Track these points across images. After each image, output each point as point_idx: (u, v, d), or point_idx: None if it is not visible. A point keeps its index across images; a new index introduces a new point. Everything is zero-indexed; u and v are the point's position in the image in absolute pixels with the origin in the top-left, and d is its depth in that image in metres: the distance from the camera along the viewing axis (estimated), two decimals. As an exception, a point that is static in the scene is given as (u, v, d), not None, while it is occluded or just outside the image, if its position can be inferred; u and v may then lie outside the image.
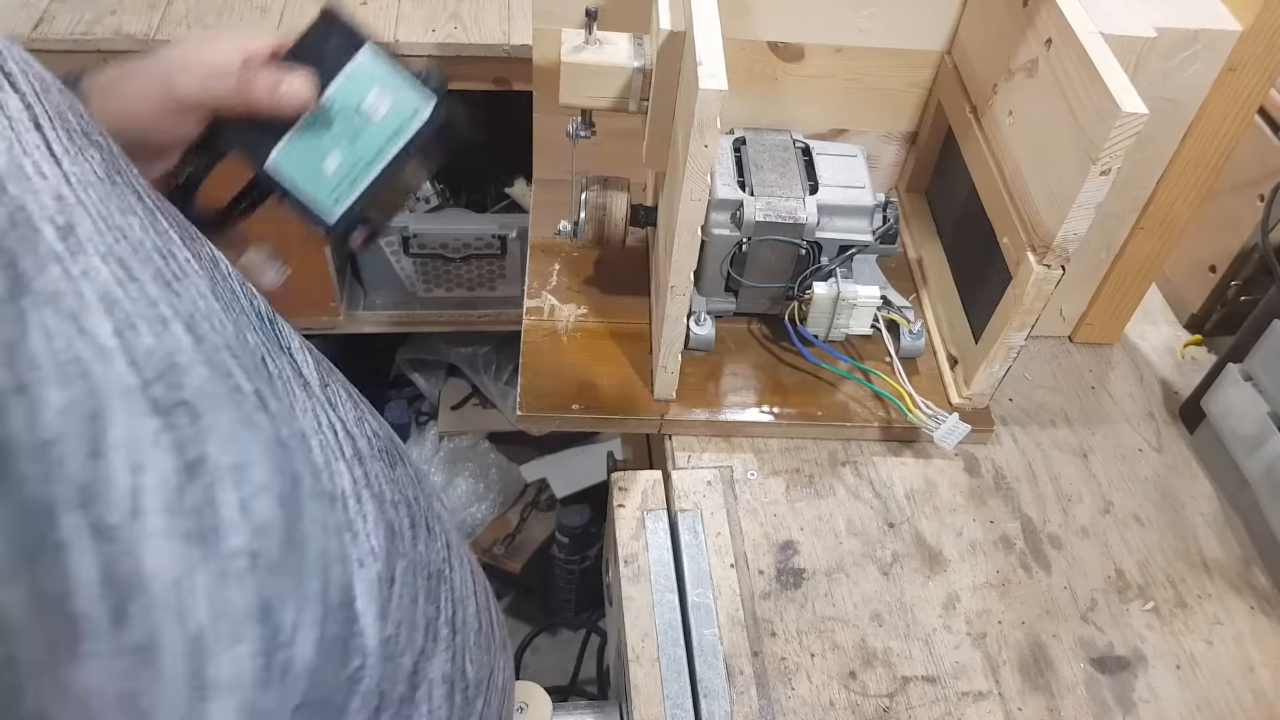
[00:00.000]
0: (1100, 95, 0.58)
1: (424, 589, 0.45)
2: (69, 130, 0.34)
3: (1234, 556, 0.72)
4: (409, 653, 0.42)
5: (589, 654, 1.36)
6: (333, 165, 0.53)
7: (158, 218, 0.37)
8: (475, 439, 1.65)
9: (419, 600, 0.44)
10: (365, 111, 0.53)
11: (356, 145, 0.53)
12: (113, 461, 0.25)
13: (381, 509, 0.43)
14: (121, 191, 0.35)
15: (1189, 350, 0.87)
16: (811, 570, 0.68)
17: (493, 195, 1.45)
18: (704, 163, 0.58)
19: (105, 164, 0.35)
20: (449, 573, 0.49)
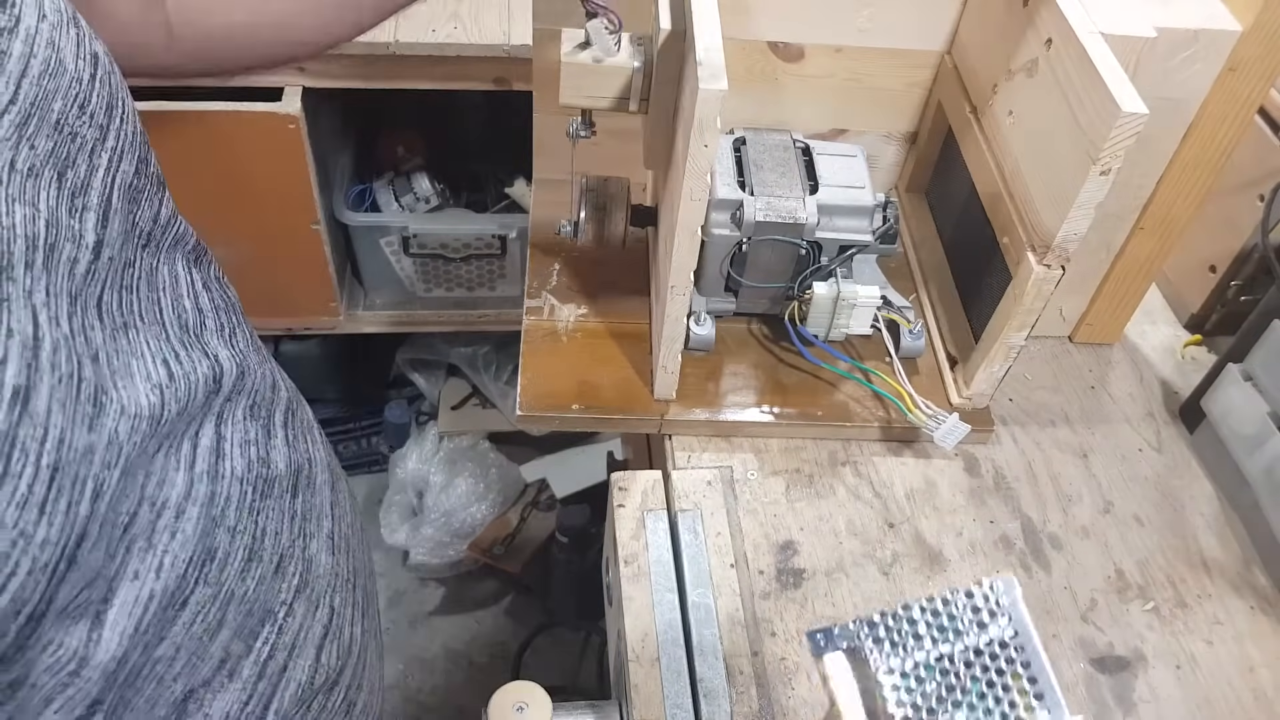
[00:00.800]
0: (1100, 95, 0.58)
1: (232, 623, 0.44)
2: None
3: (1234, 556, 0.72)
4: (183, 679, 0.42)
5: (589, 654, 1.36)
6: None
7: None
8: (475, 439, 1.65)
9: (218, 633, 0.43)
10: None
11: None
12: None
13: (211, 531, 0.43)
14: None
15: (1189, 350, 0.87)
16: (811, 570, 0.68)
17: (493, 195, 1.45)
18: (704, 163, 0.58)
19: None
20: (282, 616, 0.48)
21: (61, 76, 0.38)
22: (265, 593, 0.47)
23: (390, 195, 1.40)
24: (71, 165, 0.39)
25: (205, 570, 0.42)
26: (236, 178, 1.22)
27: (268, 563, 0.47)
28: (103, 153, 0.41)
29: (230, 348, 0.47)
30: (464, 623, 1.63)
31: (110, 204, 0.40)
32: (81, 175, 0.39)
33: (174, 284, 0.46)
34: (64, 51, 0.39)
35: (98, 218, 0.40)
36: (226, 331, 0.48)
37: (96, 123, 0.40)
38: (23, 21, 0.36)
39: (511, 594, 1.67)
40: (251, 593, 0.45)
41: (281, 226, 1.28)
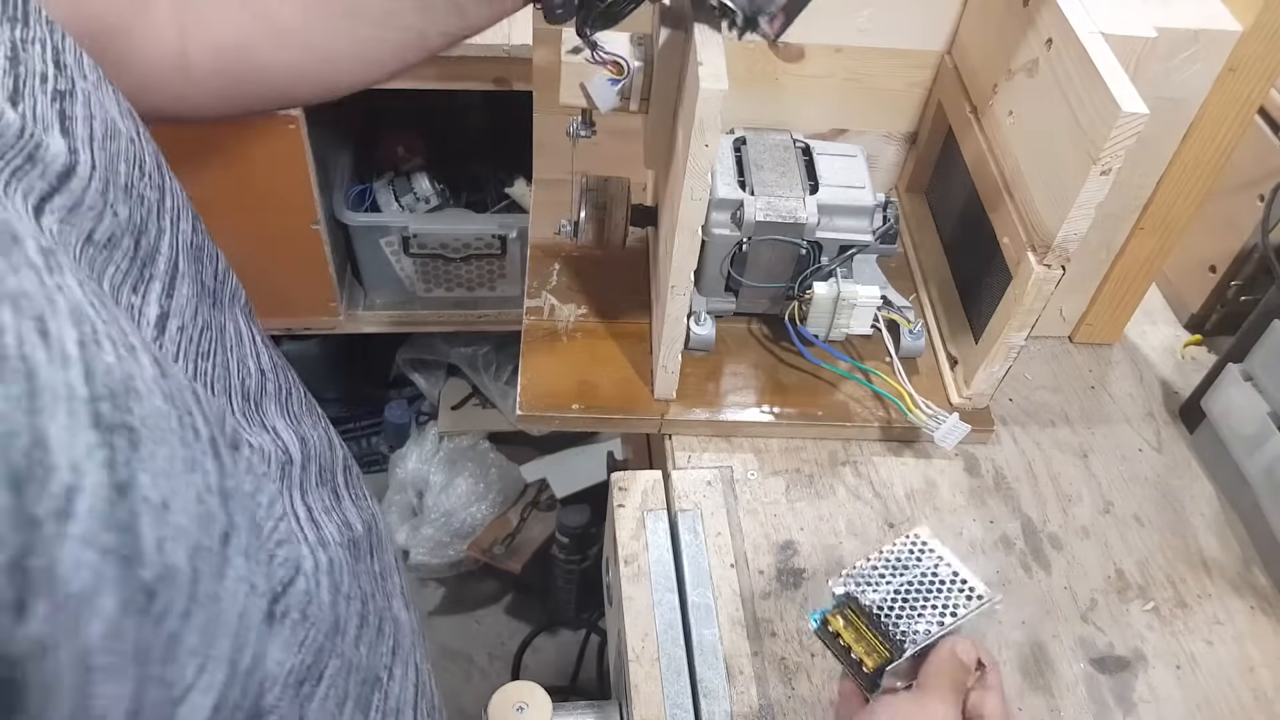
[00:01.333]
0: (1101, 95, 0.58)
1: (354, 694, 0.44)
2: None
3: (1234, 556, 0.72)
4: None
5: (589, 654, 1.36)
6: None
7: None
8: (475, 439, 1.65)
9: (345, 705, 0.43)
10: None
11: None
12: (55, 457, 0.25)
13: (334, 601, 0.42)
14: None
15: (1189, 350, 0.87)
16: (811, 570, 0.68)
17: (493, 195, 1.45)
18: (704, 162, 0.58)
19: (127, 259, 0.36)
20: (386, 681, 0.48)
21: (119, 138, 0.37)
22: (373, 658, 0.46)
23: (390, 195, 1.40)
24: (145, 231, 0.37)
25: (335, 642, 0.41)
26: (236, 177, 1.22)
27: (372, 628, 0.46)
28: (165, 214, 0.39)
29: (286, 416, 0.46)
30: (464, 623, 1.63)
31: (177, 269, 0.39)
32: (151, 240, 0.38)
33: (239, 342, 0.44)
34: (110, 110, 0.37)
35: (163, 287, 0.38)
36: (284, 394, 0.47)
37: (154, 183, 0.39)
38: (78, 84, 0.35)
39: (511, 594, 1.67)
40: (365, 660, 0.45)
41: (281, 226, 1.28)
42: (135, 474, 0.27)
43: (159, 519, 0.28)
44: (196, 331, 0.39)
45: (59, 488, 0.24)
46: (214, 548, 0.31)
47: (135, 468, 0.27)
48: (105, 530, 0.25)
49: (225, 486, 0.32)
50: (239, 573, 0.32)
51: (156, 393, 0.29)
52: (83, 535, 0.25)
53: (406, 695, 0.50)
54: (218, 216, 1.35)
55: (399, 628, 0.50)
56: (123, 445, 0.27)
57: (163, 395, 0.30)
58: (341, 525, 0.46)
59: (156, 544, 0.27)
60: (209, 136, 1.17)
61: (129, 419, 0.28)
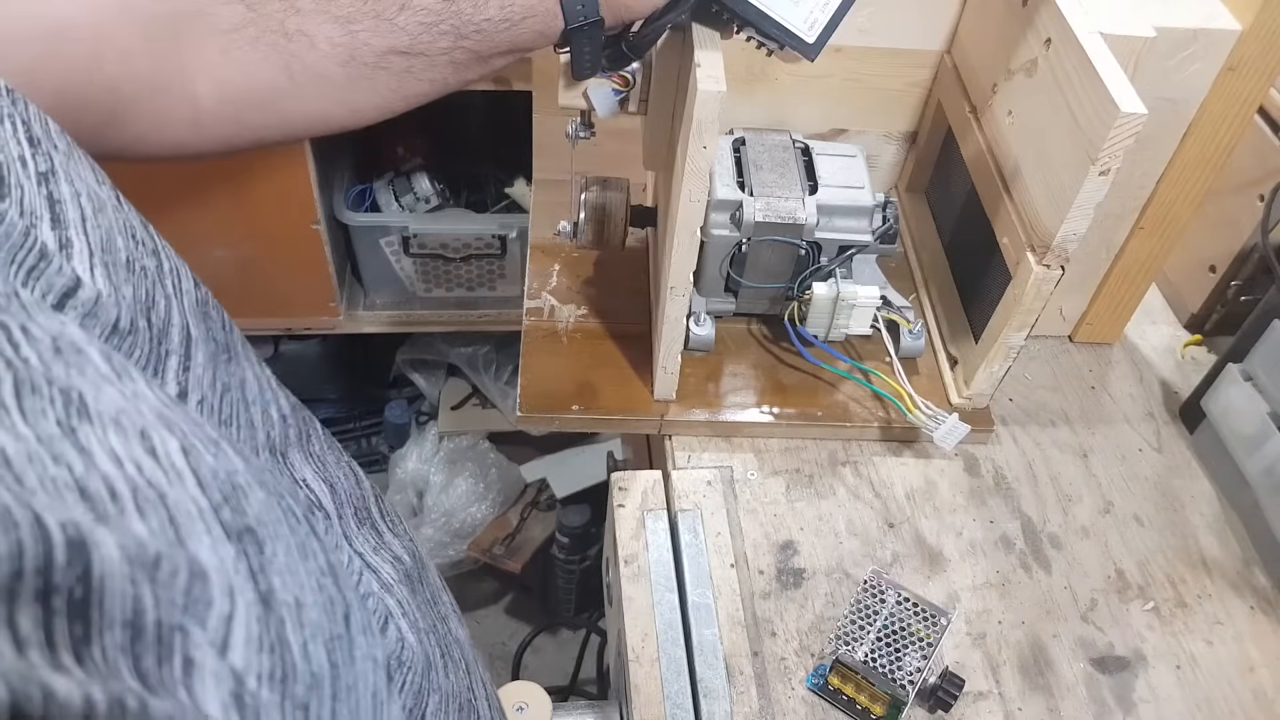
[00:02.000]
0: (1099, 95, 0.58)
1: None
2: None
3: (1234, 556, 0.72)
4: None
5: (589, 654, 1.36)
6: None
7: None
8: (475, 439, 1.65)
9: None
10: None
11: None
12: (212, 588, 0.23)
13: (418, 638, 0.41)
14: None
15: (1189, 350, 0.87)
16: (811, 570, 0.68)
17: (493, 195, 1.45)
18: (703, 163, 0.58)
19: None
20: (474, 700, 0.47)
21: (106, 210, 0.34)
22: (458, 684, 0.46)
23: (390, 195, 1.40)
24: (154, 305, 0.34)
25: (430, 678, 0.41)
26: (237, 178, 1.22)
27: (447, 655, 0.46)
28: (166, 280, 0.36)
29: (312, 462, 0.44)
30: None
31: (190, 336, 0.36)
32: (162, 313, 0.35)
33: (260, 392, 0.41)
34: (89, 181, 0.34)
35: (179, 361, 0.35)
36: (305, 437, 0.44)
37: (149, 250, 0.36)
38: (55, 160, 0.32)
39: (511, 594, 1.67)
40: (455, 688, 0.45)
41: (281, 226, 1.28)
42: (271, 580, 0.26)
43: (298, 622, 0.26)
44: (217, 398, 0.37)
45: (217, 621, 0.23)
46: (342, 633, 0.29)
47: (269, 573, 0.26)
48: (259, 652, 0.24)
49: (332, 564, 0.31)
50: (364, 651, 0.31)
51: (255, 485, 0.28)
52: (243, 667, 0.23)
53: (487, 712, 0.49)
54: (218, 217, 1.36)
55: (464, 648, 0.50)
56: (254, 551, 0.26)
57: (259, 485, 0.28)
58: (394, 562, 0.45)
59: (302, 652, 0.26)
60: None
61: (248, 520, 0.26)
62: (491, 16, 0.49)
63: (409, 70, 0.50)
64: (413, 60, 0.50)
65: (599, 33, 0.52)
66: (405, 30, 0.49)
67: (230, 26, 0.47)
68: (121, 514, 0.22)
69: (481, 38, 0.50)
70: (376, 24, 0.48)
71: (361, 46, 0.48)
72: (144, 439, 0.24)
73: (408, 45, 0.49)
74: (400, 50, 0.49)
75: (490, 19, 0.49)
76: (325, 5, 0.47)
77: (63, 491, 0.21)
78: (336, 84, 0.49)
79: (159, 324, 0.34)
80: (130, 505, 0.22)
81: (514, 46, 0.51)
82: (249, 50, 0.47)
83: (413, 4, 0.48)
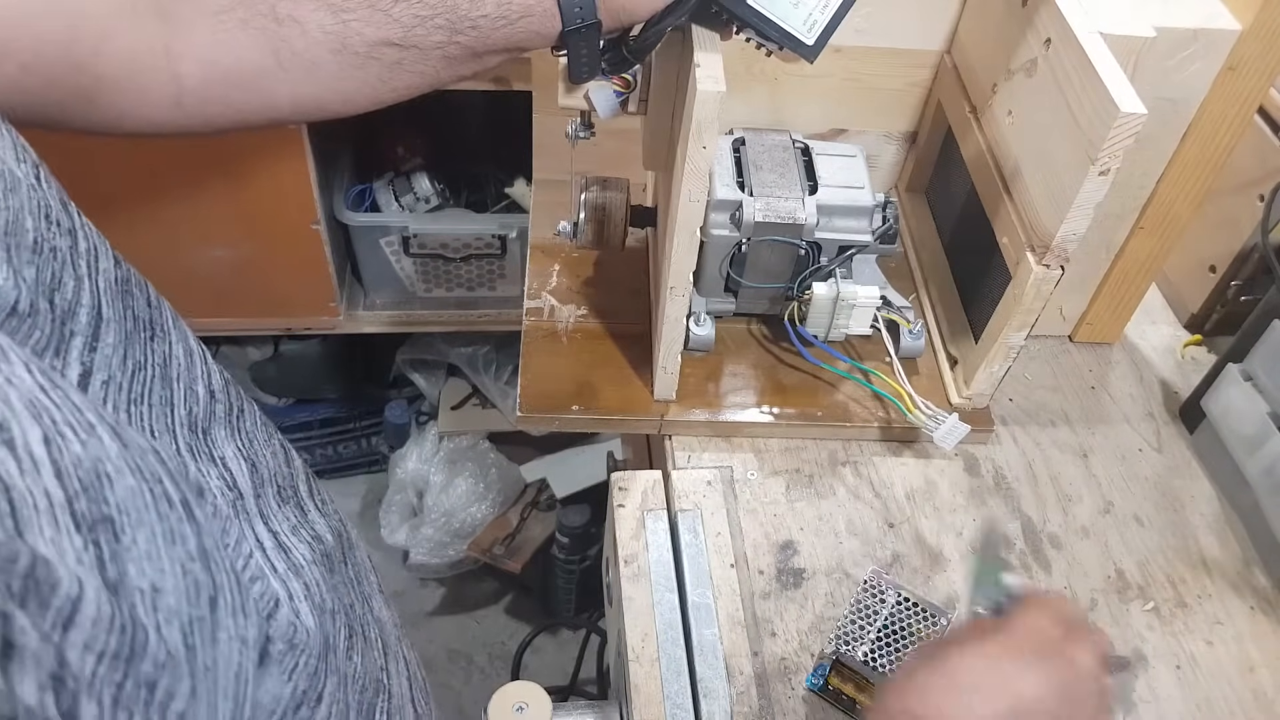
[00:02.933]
0: (1099, 95, 0.58)
1: (355, 704, 0.43)
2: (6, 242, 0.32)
3: (1234, 556, 0.72)
4: None
5: (589, 654, 1.36)
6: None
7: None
8: (475, 439, 1.65)
9: (349, 717, 0.42)
10: None
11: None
12: (57, 571, 0.24)
13: (320, 622, 0.41)
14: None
15: (1189, 350, 0.87)
16: (811, 570, 0.68)
17: (493, 195, 1.45)
18: (703, 164, 0.58)
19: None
20: (386, 680, 0.48)
21: (19, 190, 0.34)
22: (368, 665, 0.46)
23: (390, 195, 1.40)
24: (59, 288, 0.34)
25: (328, 661, 0.41)
26: (236, 177, 1.22)
27: (360, 635, 0.46)
28: (80, 260, 0.36)
29: (238, 438, 0.44)
30: (464, 623, 1.63)
31: (100, 317, 0.37)
32: (69, 295, 0.35)
33: (189, 365, 0.42)
34: (6, 160, 0.34)
35: (85, 341, 0.35)
36: (235, 414, 0.45)
37: (63, 229, 0.36)
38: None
39: (511, 594, 1.67)
40: (360, 669, 0.45)
41: (281, 226, 1.28)
42: (124, 567, 0.27)
43: (152, 606, 0.27)
44: (126, 377, 0.37)
45: (63, 599, 0.24)
46: (205, 616, 0.30)
47: (123, 560, 0.27)
48: (107, 632, 0.25)
49: (204, 547, 0.32)
50: (229, 633, 0.31)
51: (125, 470, 0.29)
52: (85, 642, 0.24)
53: (404, 691, 0.50)
54: (218, 217, 1.36)
55: (384, 628, 0.50)
56: (108, 539, 0.26)
57: (131, 471, 0.29)
58: (312, 541, 0.45)
59: (156, 633, 0.27)
60: (208, 139, 1.17)
61: (106, 509, 0.27)
62: (488, 13, 0.49)
63: (400, 62, 0.50)
64: (405, 52, 0.50)
65: (596, 36, 0.52)
66: (399, 22, 0.49)
67: (220, 8, 0.47)
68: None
69: (477, 34, 0.50)
70: (371, 14, 0.48)
71: (354, 35, 0.48)
72: (3, 430, 0.25)
73: (401, 37, 0.49)
74: (393, 42, 0.49)
75: (486, 15, 0.49)
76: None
77: None
78: (326, 71, 0.49)
79: (63, 306, 0.35)
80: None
81: (510, 45, 0.51)
82: (238, 33, 0.47)
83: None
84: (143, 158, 1.14)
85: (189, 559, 0.30)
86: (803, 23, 0.55)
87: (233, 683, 0.31)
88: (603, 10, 0.51)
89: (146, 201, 1.21)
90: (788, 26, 0.55)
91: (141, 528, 0.28)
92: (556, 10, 0.50)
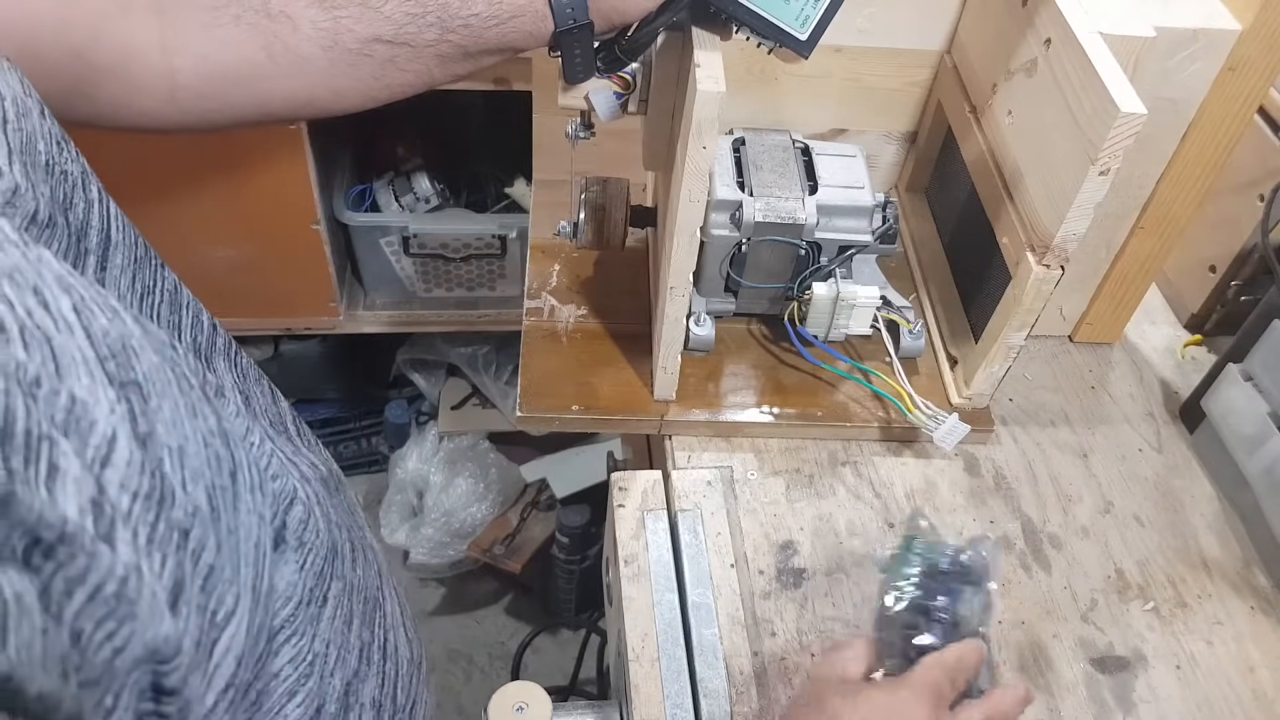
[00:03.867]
0: (1099, 95, 0.58)
1: (359, 613, 0.45)
2: (33, 162, 0.35)
3: (1234, 556, 0.72)
4: (339, 673, 0.42)
5: (589, 654, 1.36)
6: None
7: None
8: (475, 439, 1.65)
9: (353, 623, 0.44)
10: None
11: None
12: (93, 412, 0.25)
13: (328, 527, 0.43)
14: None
15: (1189, 350, 0.87)
16: (811, 570, 0.68)
17: (493, 195, 1.45)
18: (703, 164, 0.58)
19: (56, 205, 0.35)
20: (383, 600, 0.49)
21: (31, 115, 0.36)
22: (368, 579, 0.48)
23: (390, 195, 1.40)
24: (70, 208, 0.37)
25: (335, 565, 0.43)
26: (237, 177, 1.22)
27: (360, 551, 0.48)
28: (91, 185, 0.38)
29: (232, 371, 0.46)
30: (464, 623, 1.63)
31: (109, 239, 0.39)
32: (80, 215, 0.37)
33: (193, 300, 0.44)
34: (14, 88, 0.36)
35: (97, 260, 0.38)
36: (232, 349, 0.47)
37: (72, 156, 0.38)
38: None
39: (511, 594, 1.66)
40: (362, 580, 0.47)
41: (281, 226, 1.28)
42: (153, 424, 0.28)
43: (179, 463, 0.29)
44: (135, 298, 0.39)
45: (100, 439, 0.26)
46: (227, 485, 0.32)
47: (152, 419, 0.28)
48: (139, 474, 0.27)
49: (224, 429, 0.33)
50: (249, 505, 0.33)
51: (148, 348, 0.30)
52: (121, 481, 0.26)
53: (397, 615, 0.51)
54: (218, 217, 1.36)
55: (378, 555, 0.52)
56: (137, 399, 0.28)
57: (153, 350, 0.31)
58: (309, 465, 0.46)
59: (181, 489, 0.29)
60: (208, 138, 1.17)
61: (134, 375, 0.29)
62: (479, 12, 0.50)
63: (393, 60, 0.50)
64: (397, 50, 0.50)
65: (589, 36, 0.53)
66: (391, 19, 0.49)
67: (213, 4, 0.47)
68: (7, 342, 0.24)
69: (468, 33, 0.50)
70: (362, 11, 0.49)
71: (345, 32, 0.49)
72: (36, 294, 0.26)
73: (393, 34, 0.49)
74: (385, 39, 0.49)
75: (478, 14, 0.50)
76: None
77: None
78: (318, 67, 0.50)
79: (76, 224, 0.37)
80: (16, 336, 0.24)
81: (503, 45, 0.52)
82: (230, 28, 0.47)
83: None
84: (142, 157, 1.14)
85: (210, 434, 0.32)
86: (795, 18, 0.55)
87: (253, 552, 0.33)
88: (594, 11, 0.51)
89: (146, 201, 1.21)
90: (780, 22, 0.55)
91: (166, 398, 0.30)
92: (549, 11, 0.51)
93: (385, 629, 0.49)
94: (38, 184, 0.35)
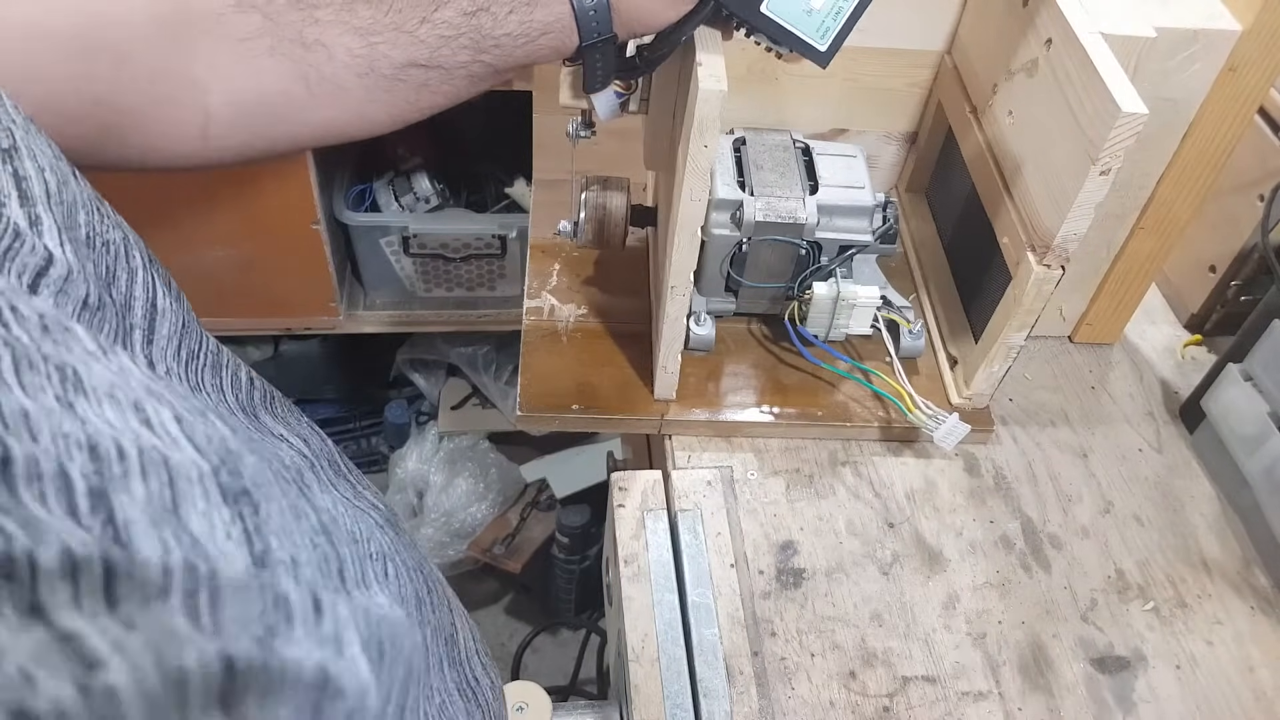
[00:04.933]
0: (1100, 95, 0.58)
1: (445, 654, 0.45)
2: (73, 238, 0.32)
3: (1234, 556, 0.72)
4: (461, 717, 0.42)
5: (589, 654, 1.36)
6: (817, 3, 0.55)
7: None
8: (475, 439, 1.65)
9: (444, 667, 0.43)
10: None
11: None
12: (207, 548, 0.23)
13: (408, 574, 0.42)
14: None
15: (1189, 350, 0.87)
16: (811, 570, 0.68)
17: (493, 195, 1.45)
18: (704, 163, 0.58)
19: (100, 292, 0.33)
20: (456, 635, 0.49)
21: (68, 183, 0.33)
22: (442, 616, 0.47)
23: (390, 195, 1.40)
24: (114, 281, 0.34)
25: (422, 612, 0.42)
26: (237, 178, 1.22)
27: (432, 590, 0.47)
28: (133, 253, 0.36)
29: (279, 421, 0.44)
30: (464, 623, 1.64)
31: (155, 308, 0.36)
32: (124, 288, 0.35)
33: (230, 357, 0.42)
34: (48, 155, 0.33)
35: (143, 334, 0.35)
36: (270, 397, 0.45)
37: (111, 221, 0.35)
38: (16, 135, 0.31)
39: (511, 594, 1.67)
40: (440, 621, 0.46)
41: (281, 226, 1.28)
42: (268, 540, 0.26)
43: (295, 578, 0.27)
44: (182, 367, 0.37)
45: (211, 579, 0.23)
46: (337, 588, 0.30)
47: (266, 533, 0.26)
48: (256, 613, 0.24)
49: (324, 524, 0.32)
50: (360, 603, 0.31)
51: (245, 449, 0.29)
52: (234, 622, 0.23)
53: (470, 643, 0.51)
54: (218, 217, 1.36)
55: (444, 586, 0.51)
56: (249, 513, 0.26)
57: (249, 450, 0.29)
58: (371, 508, 0.45)
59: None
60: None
61: (244, 483, 0.27)
62: (511, 31, 0.49)
63: (426, 83, 0.50)
64: (431, 73, 0.49)
65: (612, 48, 0.53)
66: (425, 43, 0.48)
67: (246, 35, 0.45)
68: (125, 475, 0.22)
69: (500, 52, 0.50)
70: (396, 36, 0.48)
71: (381, 58, 0.48)
72: (138, 411, 0.25)
73: (427, 58, 0.49)
74: (419, 63, 0.49)
75: (510, 34, 0.49)
76: (345, 16, 0.47)
77: (73, 449, 0.22)
78: (353, 95, 0.49)
79: (120, 299, 0.34)
80: (135, 466, 0.23)
81: (530, 61, 0.51)
82: (265, 59, 0.46)
83: (434, 17, 0.48)
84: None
85: (315, 533, 0.30)
86: (816, 30, 0.55)
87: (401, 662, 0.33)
88: (618, 24, 0.51)
89: (145, 201, 1.21)
90: (801, 34, 0.55)
91: (273, 502, 0.28)
92: (574, 26, 0.50)
93: (460, 662, 0.48)
94: (84, 261, 0.32)
